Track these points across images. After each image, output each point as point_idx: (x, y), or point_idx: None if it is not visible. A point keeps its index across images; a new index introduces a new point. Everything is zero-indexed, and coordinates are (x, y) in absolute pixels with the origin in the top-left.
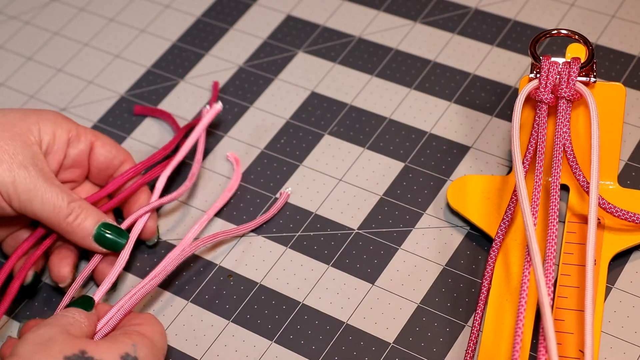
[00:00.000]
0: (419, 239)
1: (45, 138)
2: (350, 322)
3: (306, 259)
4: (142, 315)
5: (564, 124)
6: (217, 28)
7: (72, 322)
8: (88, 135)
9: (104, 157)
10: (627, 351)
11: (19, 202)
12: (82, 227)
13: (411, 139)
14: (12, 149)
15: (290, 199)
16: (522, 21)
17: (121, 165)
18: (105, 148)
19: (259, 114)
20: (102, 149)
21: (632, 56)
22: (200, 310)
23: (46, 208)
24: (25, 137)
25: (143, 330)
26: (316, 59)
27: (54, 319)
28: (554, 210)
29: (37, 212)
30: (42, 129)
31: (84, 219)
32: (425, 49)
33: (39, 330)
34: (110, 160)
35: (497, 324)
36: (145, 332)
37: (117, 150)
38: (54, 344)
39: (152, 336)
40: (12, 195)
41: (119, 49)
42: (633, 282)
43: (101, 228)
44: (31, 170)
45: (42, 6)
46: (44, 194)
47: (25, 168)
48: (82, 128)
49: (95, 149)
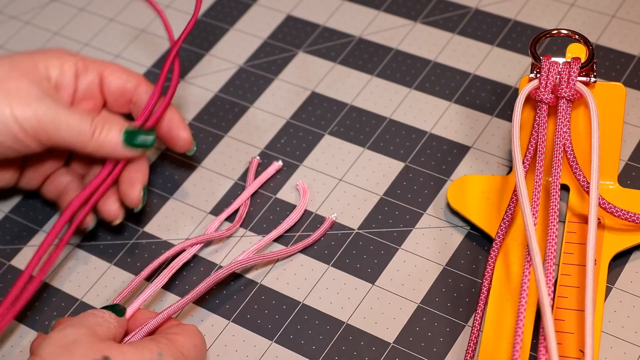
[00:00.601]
0: (419, 239)
1: (53, 73)
2: (351, 322)
3: (306, 259)
4: (182, 325)
5: (564, 123)
6: (217, 28)
7: (100, 322)
8: (96, 65)
9: (116, 84)
10: (627, 351)
11: (46, 134)
12: (109, 138)
13: (411, 139)
14: (24, 85)
15: (290, 199)
16: (522, 21)
17: (136, 88)
18: (115, 75)
19: (259, 114)
20: (112, 76)
21: (632, 56)
22: (200, 311)
23: (73, 132)
24: (33, 74)
25: (175, 339)
26: (316, 59)
27: (82, 318)
28: (554, 210)
29: (65, 140)
30: (49, 65)
31: (108, 130)
32: (426, 49)
33: (65, 330)
34: (122, 85)
35: (498, 324)
36: (177, 341)
37: (128, 75)
38: (78, 347)
39: (183, 346)
40: (38, 128)
41: (119, 49)
42: (633, 282)
43: (127, 133)
44: (48, 101)
45: (42, 6)
46: (68, 120)
47: (43, 101)
48: (89, 60)
49: (105, 78)
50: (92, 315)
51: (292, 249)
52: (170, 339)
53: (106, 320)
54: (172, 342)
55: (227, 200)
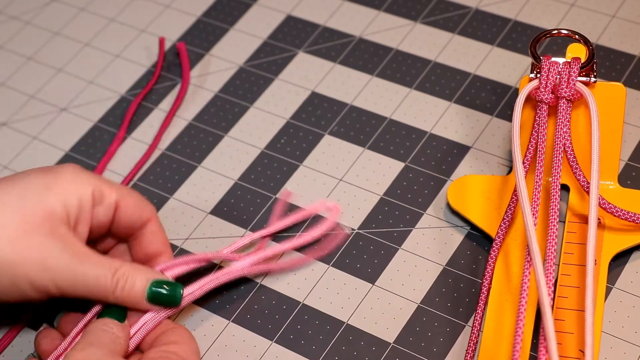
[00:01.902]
0: (419, 239)
1: (72, 211)
2: (351, 322)
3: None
4: (177, 331)
5: (564, 124)
6: (217, 28)
7: (114, 340)
8: (112, 194)
9: (127, 219)
10: (627, 351)
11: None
12: (132, 293)
13: (411, 139)
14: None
15: (290, 199)
16: (522, 21)
17: (144, 225)
18: (129, 210)
19: (259, 114)
20: (126, 209)
21: (633, 56)
22: (200, 311)
23: (92, 289)
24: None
25: (180, 350)
26: (316, 59)
27: (98, 337)
28: (554, 210)
29: (84, 295)
30: (67, 202)
31: (132, 284)
32: (426, 49)
33: (86, 350)
34: (132, 222)
35: (498, 324)
36: (181, 353)
37: (141, 211)
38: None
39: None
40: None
41: (119, 49)
42: (633, 282)
43: (152, 287)
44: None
45: (42, 6)
46: (87, 279)
47: (60, 262)
48: (104, 184)
49: (119, 209)
50: (104, 332)
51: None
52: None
53: (117, 337)
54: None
55: (228, 200)
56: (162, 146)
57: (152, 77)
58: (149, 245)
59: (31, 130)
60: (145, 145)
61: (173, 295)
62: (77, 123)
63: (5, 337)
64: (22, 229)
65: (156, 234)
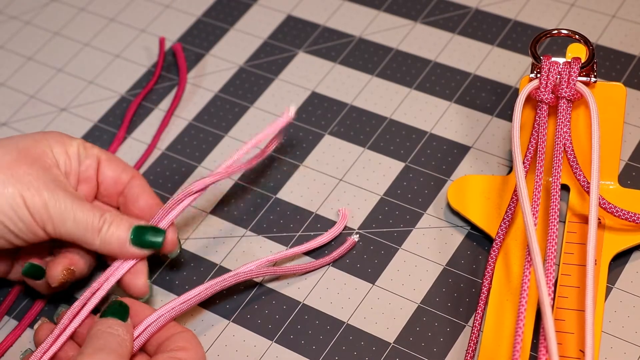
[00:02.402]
0: (420, 238)
1: (60, 159)
2: (351, 322)
3: (307, 259)
4: (184, 336)
5: (564, 124)
6: (218, 28)
7: (120, 343)
8: (94, 151)
9: (111, 173)
10: (627, 351)
11: (52, 225)
12: (116, 236)
13: (411, 139)
14: (35, 173)
15: (290, 199)
16: (522, 21)
17: (129, 181)
18: (112, 164)
19: (260, 114)
20: (109, 164)
21: (633, 56)
22: (200, 311)
23: (80, 227)
24: (42, 161)
25: (187, 357)
26: (316, 59)
27: (106, 341)
28: (554, 210)
29: (71, 233)
30: (54, 151)
31: (116, 228)
32: (426, 49)
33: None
34: (117, 176)
35: (498, 324)
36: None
37: (124, 167)
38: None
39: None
40: (46, 219)
41: (119, 49)
42: (633, 282)
43: (135, 231)
44: (58, 192)
45: (42, 6)
46: (76, 213)
47: (52, 191)
48: (88, 144)
49: (101, 164)
50: (111, 335)
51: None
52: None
53: (123, 339)
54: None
55: (228, 200)
56: (162, 146)
57: (152, 77)
58: (139, 198)
59: (31, 130)
60: (145, 145)
61: (154, 240)
62: (77, 123)
63: (8, 338)
64: (18, 161)
65: (144, 187)
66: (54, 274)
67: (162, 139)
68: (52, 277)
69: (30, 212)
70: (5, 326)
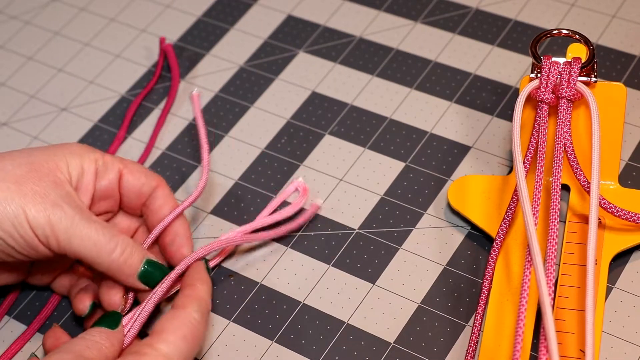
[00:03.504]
0: (420, 238)
1: (74, 173)
2: (351, 322)
3: (307, 259)
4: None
5: (564, 123)
6: (218, 28)
7: (89, 345)
8: (115, 163)
9: (133, 185)
10: (627, 351)
11: (57, 242)
12: (129, 264)
13: (412, 139)
14: (42, 189)
15: (290, 199)
16: (522, 21)
17: (154, 192)
18: (134, 175)
19: (260, 113)
20: (131, 176)
21: (633, 56)
22: None
23: (87, 245)
24: (54, 176)
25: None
26: (317, 59)
27: (71, 344)
28: (554, 210)
29: (77, 251)
30: (70, 164)
31: (130, 255)
32: (426, 49)
33: (51, 357)
34: (139, 188)
35: (498, 324)
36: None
37: (147, 177)
38: None
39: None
40: (50, 236)
41: (119, 49)
42: (634, 282)
43: (146, 265)
44: (66, 208)
45: (42, 6)
46: (82, 231)
47: (59, 207)
48: (108, 157)
49: (123, 176)
50: (81, 339)
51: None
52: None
53: (96, 343)
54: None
55: (228, 200)
56: (162, 146)
57: (152, 77)
58: (161, 208)
59: (31, 130)
60: (145, 145)
61: (158, 281)
62: (77, 123)
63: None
64: (27, 176)
65: (167, 197)
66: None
67: (163, 139)
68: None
69: (32, 228)
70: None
